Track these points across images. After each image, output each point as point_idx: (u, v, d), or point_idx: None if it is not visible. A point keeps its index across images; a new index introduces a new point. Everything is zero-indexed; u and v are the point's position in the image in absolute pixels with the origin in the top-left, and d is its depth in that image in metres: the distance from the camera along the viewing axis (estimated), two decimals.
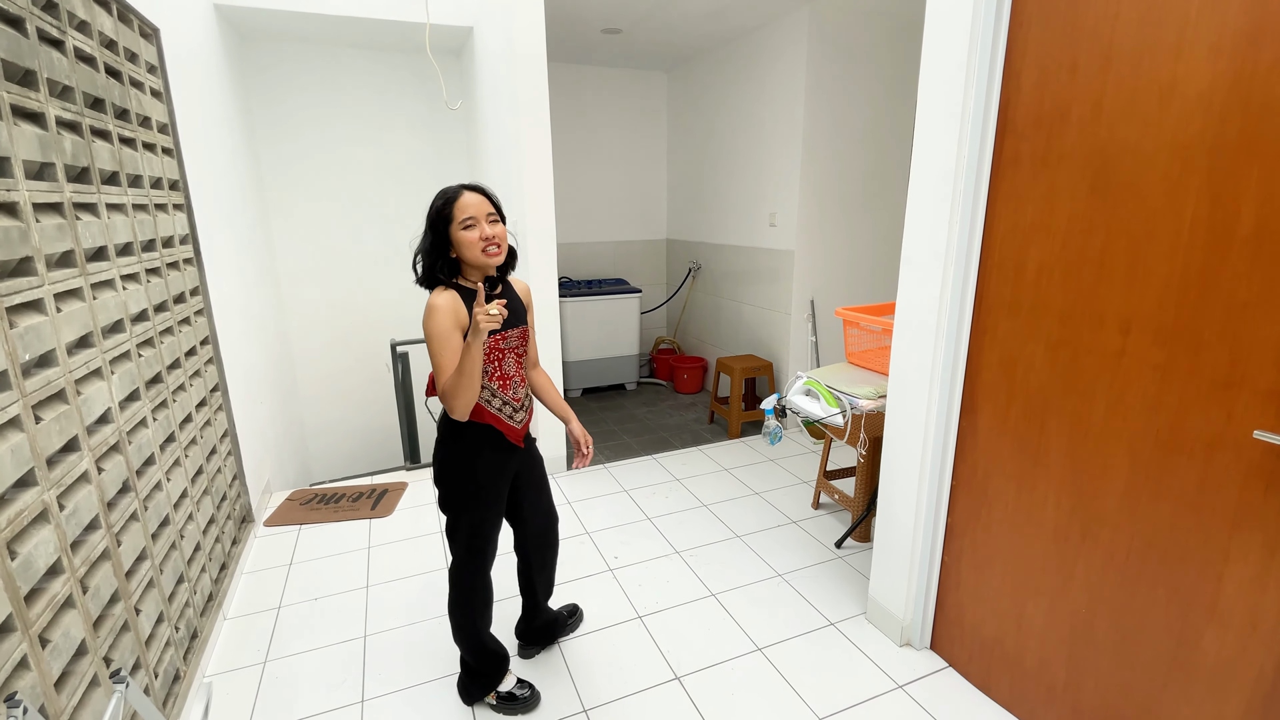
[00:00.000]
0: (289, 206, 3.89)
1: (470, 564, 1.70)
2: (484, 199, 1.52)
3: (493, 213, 1.53)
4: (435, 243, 1.52)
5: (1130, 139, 1.35)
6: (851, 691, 1.84)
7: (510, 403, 1.64)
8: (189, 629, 1.92)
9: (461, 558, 1.69)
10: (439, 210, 1.51)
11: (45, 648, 1.21)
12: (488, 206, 1.52)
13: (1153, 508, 1.38)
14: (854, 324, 2.50)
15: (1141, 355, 1.36)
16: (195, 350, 2.25)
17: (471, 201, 1.50)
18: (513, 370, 1.64)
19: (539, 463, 1.84)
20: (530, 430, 1.76)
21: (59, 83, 1.50)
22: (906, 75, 3.71)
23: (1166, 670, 1.40)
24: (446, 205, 1.50)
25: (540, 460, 1.85)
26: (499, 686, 1.79)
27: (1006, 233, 1.60)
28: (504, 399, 1.62)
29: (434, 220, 1.51)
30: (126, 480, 1.61)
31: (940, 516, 1.88)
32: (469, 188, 1.53)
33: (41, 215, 1.38)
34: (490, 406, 1.60)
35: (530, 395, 1.75)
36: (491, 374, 1.59)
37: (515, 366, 1.64)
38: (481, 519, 1.66)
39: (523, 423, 1.69)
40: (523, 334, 1.66)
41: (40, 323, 1.31)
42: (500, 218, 1.55)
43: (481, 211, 1.50)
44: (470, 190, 1.52)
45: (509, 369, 1.63)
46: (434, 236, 1.51)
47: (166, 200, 2.13)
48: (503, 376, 1.61)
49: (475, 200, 1.51)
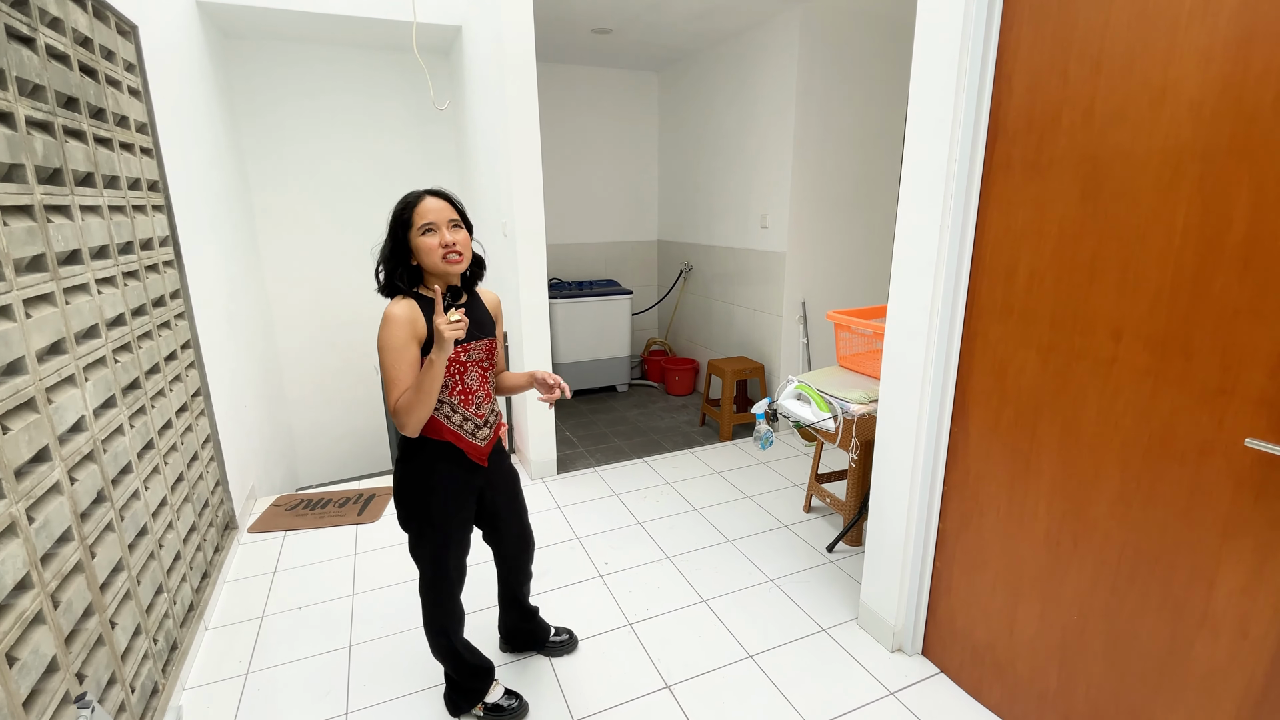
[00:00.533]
0: (274, 206, 3.83)
1: (436, 587, 1.63)
2: (446, 204, 1.47)
3: (455, 219, 1.47)
4: (395, 249, 1.47)
5: (1121, 144, 1.34)
6: (843, 698, 1.82)
7: (473, 419, 1.57)
8: (168, 641, 1.88)
9: (428, 578, 1.63)
10: (399, 215, 1.46)
11: (13, 666, 1.17)
12: (450, 212, 1.46)
13: (1144, 514, 1.38)
14: (845, 327, 2.49)
15: (1133, 361, 1.35)
16: (176, 354, 2.21)
17: (432, 206, 1.45)
18: (476, 385, 1.57)
19: (511, 480, 1.76)
20: (507, 444, 1.71)
21: (29, 81, 1.46)
22: (898, 77, 3.71)
23: (1158, 677, 1.40)
24: (406, 210, 1.45)
25: (513, 478, 1.77)
26: (486, 699, 1.76)
27: (998, 237, 1.59)
28: (465, 415, 1.55)
29: (394, 225, 1.46)
30: (101, 490, 1.57)
31: (932, 522, 1.87)
32: (431, 193, 1.47)
33: (10, 218, 1.34)
34: (450, 423, 1.53)
35: (496, 411, 1.66)
36: (452, 388, 1.52)
37: (479, 381, 1.58)
38: (443, 541, 1.59)
39: (486, 440, 1.61)
40: (489, 346, 1.59)
41: (8, 329, 1.27)
42: (464, 224, 1.50)
43: (442, 217, 1.44)
44: (432, 195, 1.47)
45: (472, 383, 1.55)
46: (394, 242, 1.46)
47: (145, 201, 2.08)
48: (465, 391, 1.54)
49: (436, 205, 1.45)
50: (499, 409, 1.68)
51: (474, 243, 1.54)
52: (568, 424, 4.21)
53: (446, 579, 1.62)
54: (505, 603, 1.93)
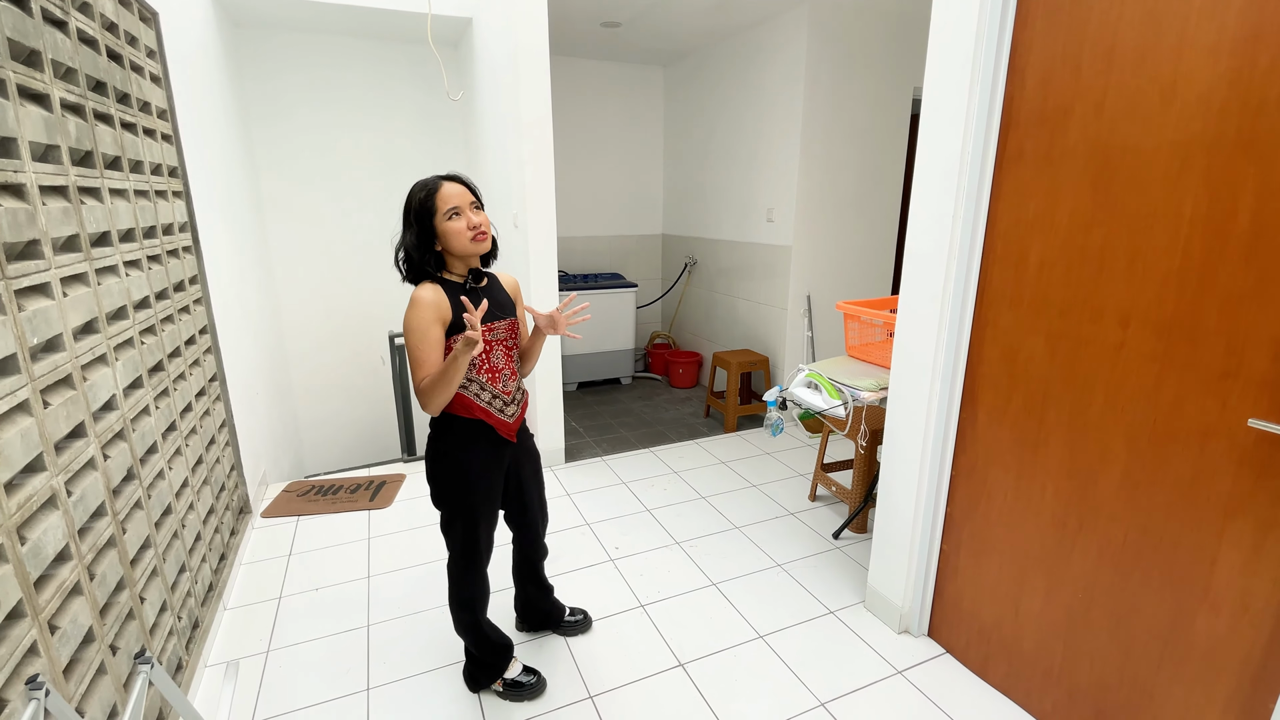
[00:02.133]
0: (283, 196, 3.85)
1: (467, 562, 1.67)
2: (464, 188, 1.50)
3: (475, 201, 1.51)
4: (421, 236, 1.49)
5: (1132, 137, 1.38)
6: (852, 677, 1.87)
7: (500, 396, 1.60)
8: (190, 618, 1.91)
9: (457, 555, 1.67)
10: (421, 202, 1.47)
11: (54, 634, 1.21)
12: (469, 195, 1.50)
13: (1149, 496, 1.42)
14: (855, 318, 2.53)
15: (1140, 347, 1.40)
16: (194, 339, 2.24)
17: (454, 191, 1.48)
18: (502, 363, 1.60)
19: (535, 457, 1.82)
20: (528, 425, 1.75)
21: (63, 64, 1.48)
22: (905, 72, 3.75)
23: (1160, 652, 1.45)
24: (429, 197, 1.47)
25: (536, 455, 1.83)
26: (505, 675, 1.80)
27: (1009, 227, 1.64)
28: (494, 392, 1.59)
29: (418, 213, 1.48)
30: (131, 468, 1.60)
31: (940, 506, 1.92)
32: (447, 178, 1.50)
33: (47, 198, 1.36)
34: (480, 400, 1.57)
35: (522, 388, 1.69)
36: (479, 366, 1.56)
37: (505, 359, 1.61)
38: (476, 517, 1.63)
39: (514, 416, 1.65)
40: (512, 326, 1.62)
41: (47, 307, 1.30)
42: (480, 205, 1.54)
43: (465, 200, 1.48)
44: (450, 180, 1.50)
45: (498, 362, 1.59)
46: (419, 229, 1.48)
47: (166, 187, 2.11)
48: (491, 369, 1.58)
49: (457, 190, 1.48)
50: (525, 387, 1.71)
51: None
52: (574, 414, 4.24)
53: (477, 553, 1.66)
54: (524, 577, 1.96)
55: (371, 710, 1.76)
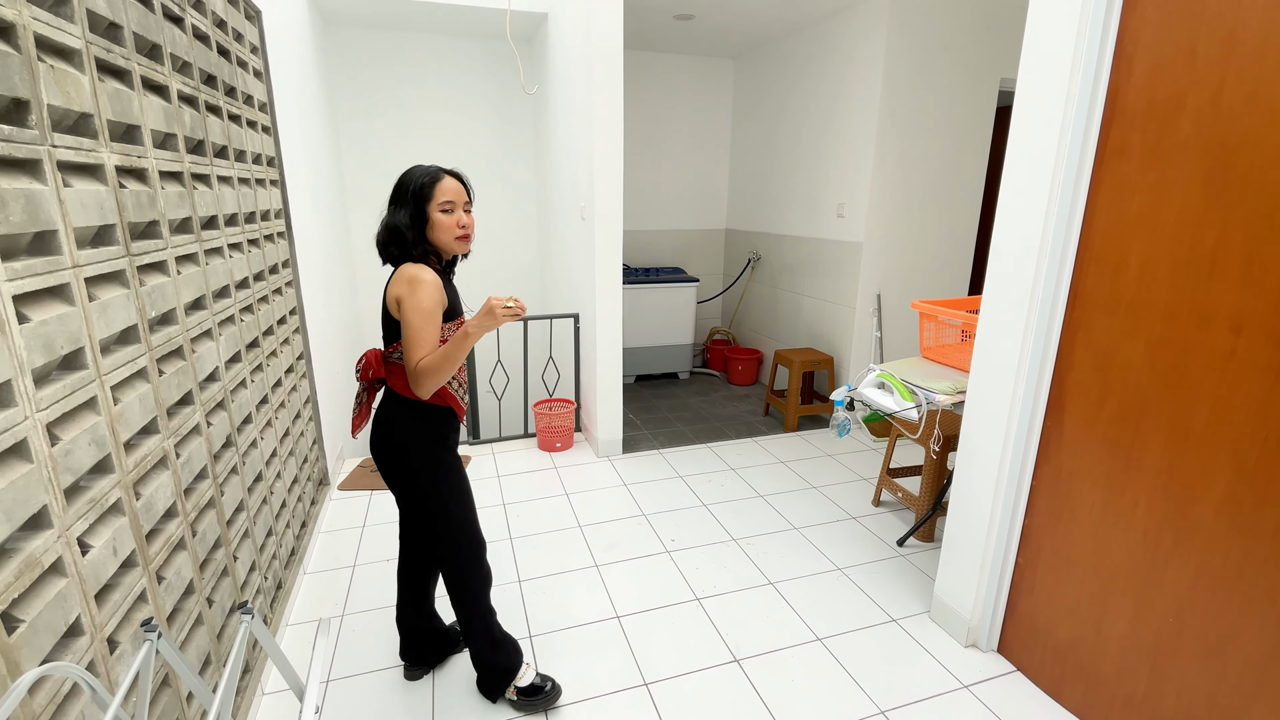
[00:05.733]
0: (364, 186, 4.03)
1: (474, 550, 1.64)
2: (462, 187, 1.54)
3: (469, 202, 1.55)
4: (415, 218, 1.50)
5: (1253, 131, 1.28)
6: (914, 687, 1.82)
7: (463, 384, 1.65)
8: (275, 579, 2.04)
9: (463, 547, 1.63)
10: (421, 187, 1.49)
11: (160, 584, 1.31)
12: (465, 195, 1.54)
13: (1255, 517, 1.32)
14: (931, 317, 2.44)
15: (1253, 357, 1.29)
16: (285, 319, 2.37)
17: (454, 186, 1.51)
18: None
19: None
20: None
21: (179, 58, 1.59)
22: (991, 60, 3.58)
23: (1256, 684, 1.34)
24: (430, 183, 1.49)
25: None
26: (518, 681, 1.71)
27: (1108, 226, 1.54)
28: (459, 380, 1.63)
29: (414, 195, 1.49)
30: (229, 435, 1.72)
31: (1017, 518, 1.83)
32: (448, 172, 1.52)
33: (165, 183, 1.47)
34: (450, 386, 1.59)
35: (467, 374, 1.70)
36: None
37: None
38: (469, 501, 1.64)
39: (466, 402, 1.67)
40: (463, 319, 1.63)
41: (164, 283, 1.41)
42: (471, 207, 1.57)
43: (461, 199, 1.52)
44: (450, 175, 1.52)
45: None
46: (414, 210, 1.49)
47: (265, 176, 2.24)
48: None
49: (456, 186, 1.52)
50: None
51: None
52: (631, 407, 4.27)
53: (480, 541, 1.67)
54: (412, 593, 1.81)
55: (437, 677, 1.83)
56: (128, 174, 1.31)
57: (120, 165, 1.27)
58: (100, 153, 1.20)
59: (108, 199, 1.21)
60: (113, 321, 1.20)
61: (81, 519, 1.07)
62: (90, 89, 1.18)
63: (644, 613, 2.12)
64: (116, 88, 1.27)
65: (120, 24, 1.30)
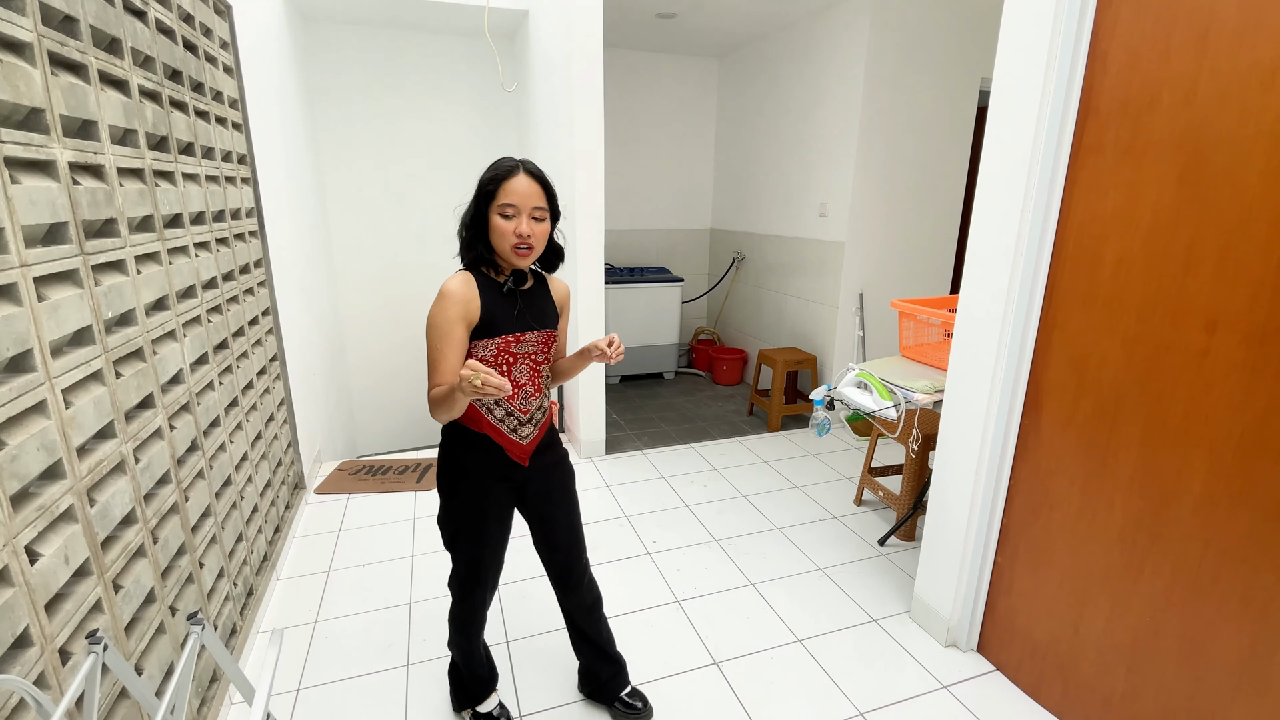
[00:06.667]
0: (343, 184, 3.98)
1: (464, 587, 1.52)
2: (536, 189, 1.31)
3: (540, 207, 1.32)
4: (476, 217, 1.34)
5: (1226, 127, 1.27)
6: (894, 688, 1.81)
7: (516, 414, 1.41)
8: (245, 586, 1.99)
9: (457, 576, 1.53)
10: (485, 184, 1.32)
11: (118, 593, 1.27)
12: (537, 199, 1.31)
13: (1231, 515, 1.32)
14: (910, 316, 2.44)
15: (1228, 354, 1.29)
16: (257, 320, 2.33)
17: (519, 188, 1.30)
18: (526, 378, 1.40)
19: (558, 480, 1.53)
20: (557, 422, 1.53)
21: (141, 52, 1.55)
22: (972, 61, 3.59)
23: (1235, 684, 1.34)
24: (493, 182, 1.31)
25: (563, 477, 1.55)
26: (478, 706, 1.66)
27: (1083, 223, 1.54)
28: (508, 409, 1.40)
29: (478, 192, 1.33)
30: (195, 439, 1.67)
31: (995, 516, 1.83)
32: (527, 169, 1.32)
33: (124, 180, 1.43)
34: (491, 416, 1.39)
35: (544, 407, 1.48)
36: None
37: (530, 374, 1.41)
38: (475, 541, 1.47)
39: (529, 438, 1.44)
40: (546, 339, 1.43)
41: (122, 283, 1.36)
42: (550, 213, 1.35)
43: (527, 204, 1.30)
44: (526, 174, 1.31)
45: (521, 376, 1.40)
46: (476, 210, 1.34)
47: (235, 173, 2.19)
48: (512, 383, 1.38)
49: (525, 188, 1.30)
50: (548, 404, 1.51)
51: (556, 231, 1.42)
52: (615, 407, 4.25)
53: (474, 580, 1.51)
54: (575, 635, 1.70)
55: (411, 685, 1.80)
56: (83, 170, 1.27)
57: (74, 161, 1.23)
58: (52, 148, 1.16)
59: (59, 196, 1.17)
60: (64, 322, 1.16)
61: (30, 526, 1.03)
62: (42, 83, 1.14)
63: (623, 615, 2.10)
64: (71, 82, 1.23)
65: (76, 17, 1.26)
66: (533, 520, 1.55)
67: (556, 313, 1.49)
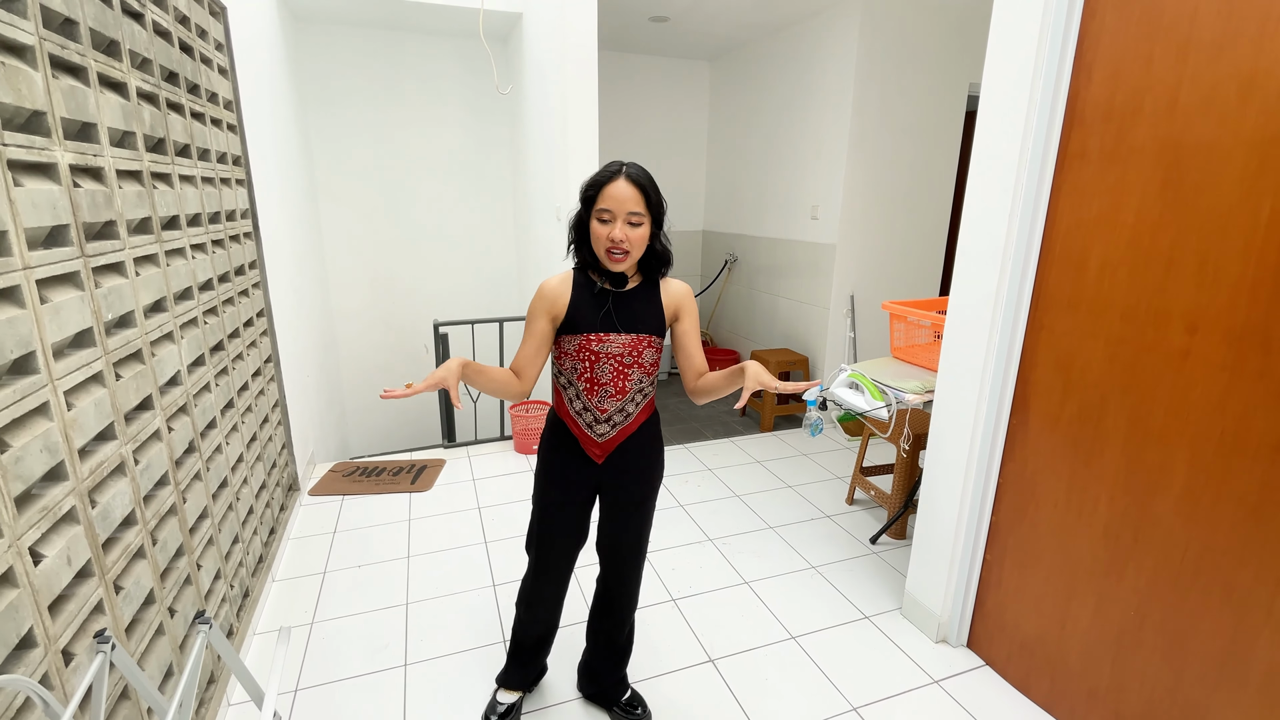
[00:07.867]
0: (336, 186, 3.97)
1: (531, 563, 1.61)
2: (634, 194, 1.31)
3: (637, 212, 1.32)
4: (579, 221, 1.40)
5: (1206, 135, 1.32)
6: (886, 683, 1.84)
7: (592, 410, 1.45)
8: (242, 587, 1.99)
9: (527, 534, 1.62)
10: (586, 189, 1.36)
11: (119, 594, 1.27)
12: (634, 204, 1.31)
13: (1212, 511, 1.36)
14: (901, 318, 2.48)
15: (1208, 355, 1.33)
16: (252, 321, 2.33)
17: (617, 193, 1.31)
18: (608, 378, 1.42)
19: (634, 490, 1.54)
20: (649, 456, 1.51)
21: (139, 54, 1.55)
22: (961, 66, 3.65)
23: (1217, 676, 1.38)
24: (594, 187, 1.34)
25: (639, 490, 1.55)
26: (500, 690, 1.72)
27: (1069, 228, 1.58)
28: (585, 404, 1.45)
29: (581, 196, 1.38)
30: (192, 441, 1.68)
31: (984, 514, 1.87)
32: (628, 174, 1.32)
33: (123, 182, 1.44)
34: (571, 407, 1.47)
35: (626, 411, 1.47)
36: (581, 373, 1.42)
37: (614, 375, 1.42)
38: (545, 521, 1.56)
39: (605, 437, 1.47)
40: (636, 344, 1.41)
41: (121, 285, 1.37)
42: (651, 217, 1.35)
43: (622, 209, 1.31)
44: (625, 179, 1.32)
45: (603, 375, 1.42)
46: (579, 213, 1.40)
47: (230, 175, 2.19)
48: (593, 381, 1.42)
49: (622, 192, 1.31)
50: (634, 409, 1.48)
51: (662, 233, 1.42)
52: None
53: (541, 560, 1.58)
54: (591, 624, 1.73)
55: (409, 685, 1.81)
56: (83, 173, 1.28)
57: (75, 164, 1.23)
58: (53, 151, 1.17)
59: (61, 198, 1.17)
60: (66, 324, 1.16)
61: (33, 528, 1.04)
62: (43, 86, 1.15)
63: None
64: (71, 84, 1.24)
65: (76, 20, 1.27)
66: (602, 520, 1.61)
67: (661, 318, 1.46)
